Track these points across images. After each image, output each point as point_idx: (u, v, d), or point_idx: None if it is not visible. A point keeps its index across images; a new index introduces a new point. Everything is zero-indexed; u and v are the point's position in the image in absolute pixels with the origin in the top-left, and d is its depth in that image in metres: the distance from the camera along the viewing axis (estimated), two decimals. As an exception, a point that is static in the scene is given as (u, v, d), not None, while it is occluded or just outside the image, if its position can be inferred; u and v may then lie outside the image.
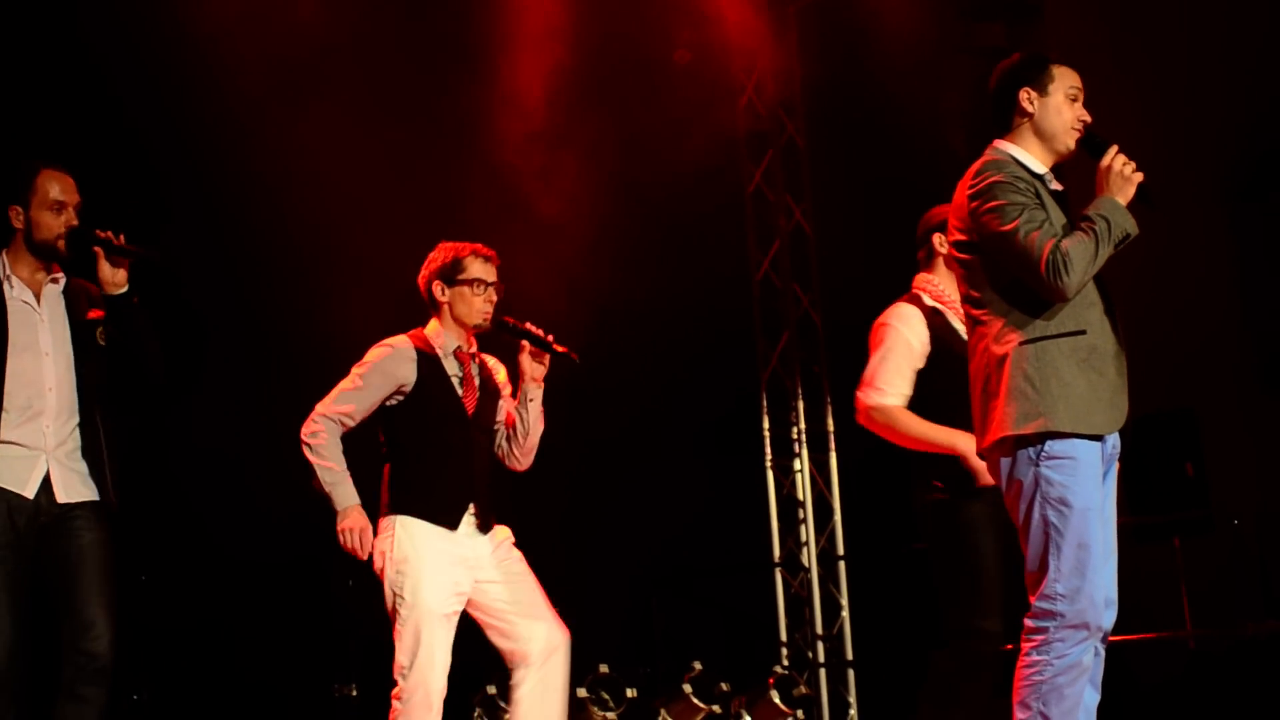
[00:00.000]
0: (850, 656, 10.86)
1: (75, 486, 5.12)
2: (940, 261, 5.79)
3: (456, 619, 5.41)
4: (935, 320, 5.74)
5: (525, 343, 5.55)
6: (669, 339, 9.73)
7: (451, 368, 5.51)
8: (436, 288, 5.54)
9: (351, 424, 5.40)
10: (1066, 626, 4.49)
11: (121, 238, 5.17)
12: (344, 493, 5.30)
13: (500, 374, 5.75)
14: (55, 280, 5.25)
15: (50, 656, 5.09)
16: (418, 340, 5.51)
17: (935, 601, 5.77)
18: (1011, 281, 4.56)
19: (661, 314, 9.58)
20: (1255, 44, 9.00)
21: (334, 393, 5.42)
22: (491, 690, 8.03)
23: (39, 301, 5.17)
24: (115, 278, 5.17)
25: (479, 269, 5.51)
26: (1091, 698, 4.65)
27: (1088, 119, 4.70)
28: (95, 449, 5.16)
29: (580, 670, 8.50)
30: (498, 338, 5.71)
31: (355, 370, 5.45)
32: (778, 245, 11.36)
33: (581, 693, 8.44)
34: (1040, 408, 4.48)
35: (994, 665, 5.52)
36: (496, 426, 5.71)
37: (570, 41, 9.11)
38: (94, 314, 5.25)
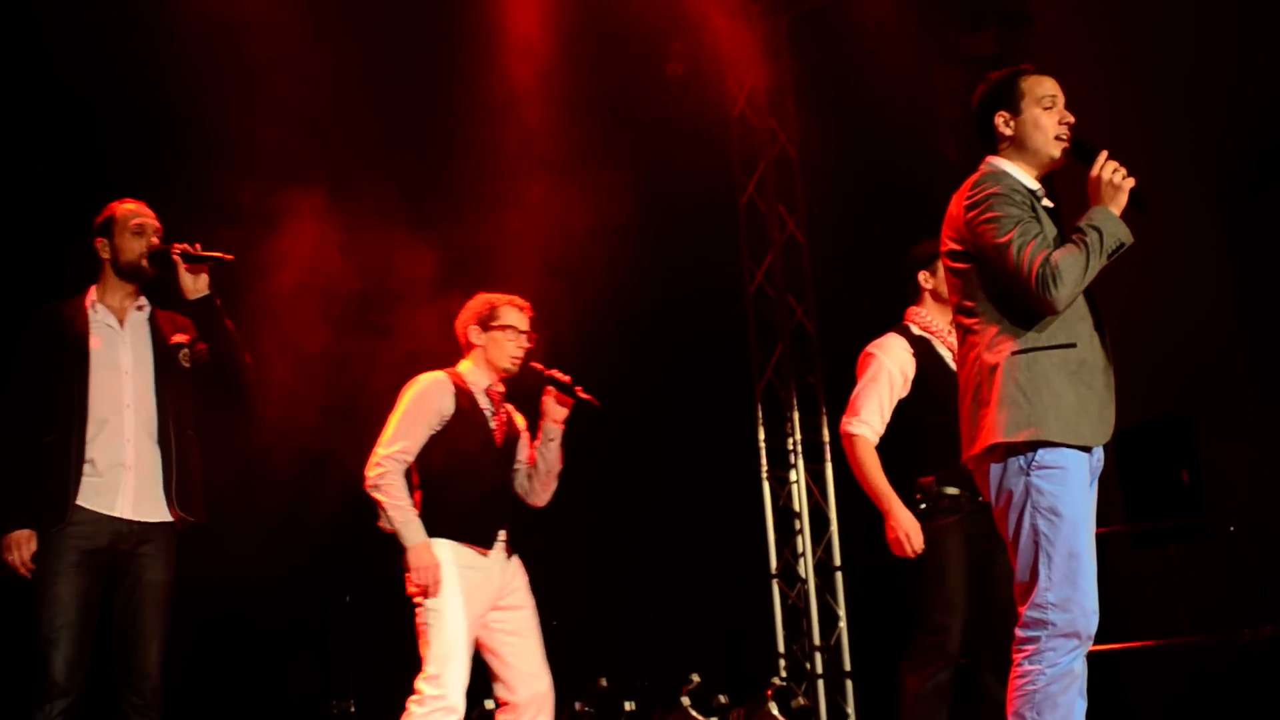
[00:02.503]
0: (848, 667, 10.86)
1: (150, 504, 5.38)
2: (927, 295, 6.02)
3: (474, 641, 5.64)
4: (921, 349, 5.96)
5: (550, 387, 5.89)
6: (663, 350, 9.73)
7: (484, 402, 5.82)
8: (473, 332, 5.89)
9: (410, 459, 5.64)
10: (1058, 635, 4.49)
11: (198, 246, 5.50)
12: (413, 531, 5.52)
13: (520, 420, 6.05)
14: (140, 308, 5.58)
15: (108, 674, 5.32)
16: (454, 376, 5.83)
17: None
18: (1004, 292, 4.57)
19: (655, 325, 9.59)
20: (1247, 46, 9.02)
21: (388, 433, 5.66)
22: (490, 705, 8.02)
23: (122, 325, 5.50)
24: (197, 284, 5.50)
25: (514, 317, 5.88)
26: (1080, 706, 4.65)
27: (1070, 120, 4.71)
28: (173, 466, 5.42)
29: (579, 684, 8.50)
30: (518, 385, 5.99)
31: (404, 407, 5.72)
32: (771, 256, 11.37)
33: (581, 706, 8.44)
34: (1031, 417, 4.48)
35: (951, 662, 5.69)
36: (518, 466, 5.99)
37: (562, 55, 9.13)
38: (178, 338, 5.57)
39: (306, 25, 7.74)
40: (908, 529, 5.69)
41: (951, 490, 5.74)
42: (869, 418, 5.85)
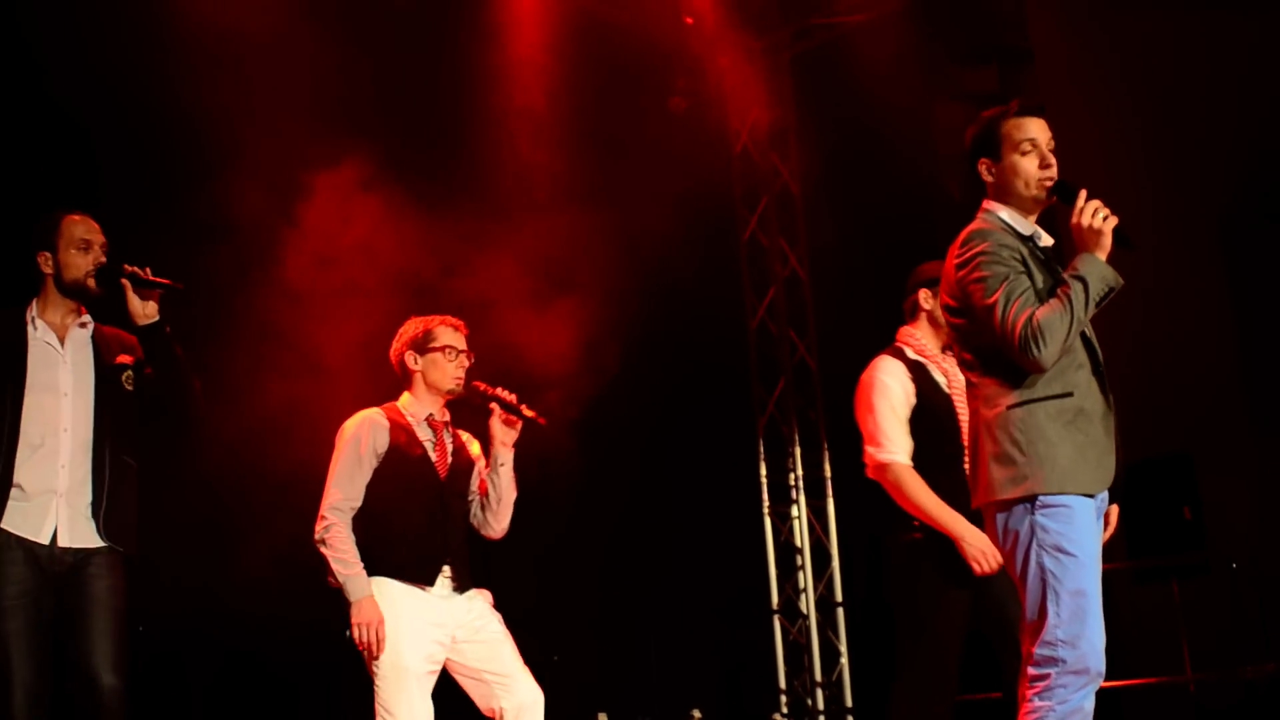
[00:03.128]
0: (850, 704, 10.84)
1: (83, 532, 5.13)
2: (924, 316, 5.90)
3: (434, 678, 5.47)
4: (917, 373, 5.79)
5: (495, 406, 5.66)
6: (665, 385, 9.73)
7: (424, 434, 5.62)
8: (409, 357, 5.68)
9: (357, 504, 5.49)
10: (1069, 673, 4.47)
11: (148, 270, 5.25)
12: (357, 585, 5.35)
13: (474, 447, 5.84)
14: (83, 325, 5.32)
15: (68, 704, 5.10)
16: (390, 410, 5.64)
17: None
18: (996, 348, 4.57)
19: (658, 360, 9.59)
20: (1250, 82, 9.04)
21: (329, 485, 5.51)
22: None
23: (63, 344, 5.24)
24: (145, 309, 5.25)
25: (449, 336, 5.67)
26: None
27: (1051, 164, 4.68)
28: (109, 494, 5.18)
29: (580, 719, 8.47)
30: (470, 408, 5.79)
31: (340, 453, 5.55)
32: (773, 291, 11.39)
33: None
34: (1027, 471, 4.47)
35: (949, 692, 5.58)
36: (471, 496, 5.79)
37: (565, 90, 9.15)
38: (121, 359, 5.31)
39: (305, 48, 7.77)
40: (981, 546, 5.42)
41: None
42: (895, 441, 5.64)
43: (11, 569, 4.99)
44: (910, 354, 5.84)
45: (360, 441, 5.50)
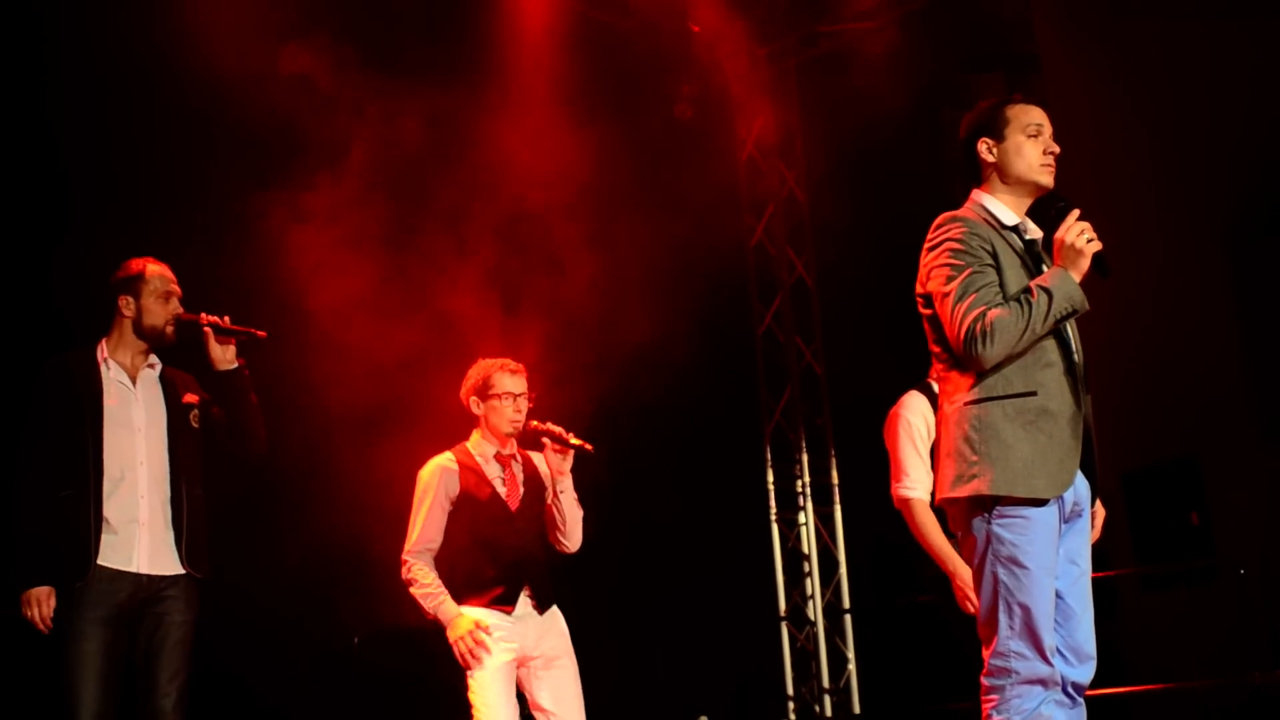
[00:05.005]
0: (858, 710, 10.83)
1: (164, 559, 5.45)
2: None
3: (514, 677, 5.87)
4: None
5: (546, 441, 5.99)
6: (671, 394, 9.72)
7: (492, 471, 6.02)
8: (473, 403, 6.08)
9: (435, 545, 5.90)
10: (1021, 683, 4.45)
11: (227, 319, 5.64)
12: (447, 610, 5.78)
13: (544, 469, 6.18)
14: (151, 366, 5.65)
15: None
16: (460, 453, 6.03)
17: (942, 655, 5.92)
18: None
19: (663, 369, 9.58)
20: (1257, 92, 9.04)
21: (410, 530, 5.93)
22: None
23: (135, 383, 5.57)
24: (225, 355, 5.65)
25: (508, 383, 6.04)
26: None
27: (1055, 150, 4.68)
28: (184, 522, 5.50)
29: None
30: (525, 443, 6.14)
31: (417, 501, 5.96)
32: (780, 299, 11.40)
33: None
34: (976, 469, 4.42)
35: None
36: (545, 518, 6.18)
37: (569, 97, 9.15)
38: (189, 398, 5.66)
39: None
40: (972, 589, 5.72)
41: None
42: (916, 478, 5.92)
43: (99, 596, 5.29)
44: (937, 389, 5.95)
45: (432, 488, 5.92)
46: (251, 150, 7.72)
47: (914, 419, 5.96)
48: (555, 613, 6.03)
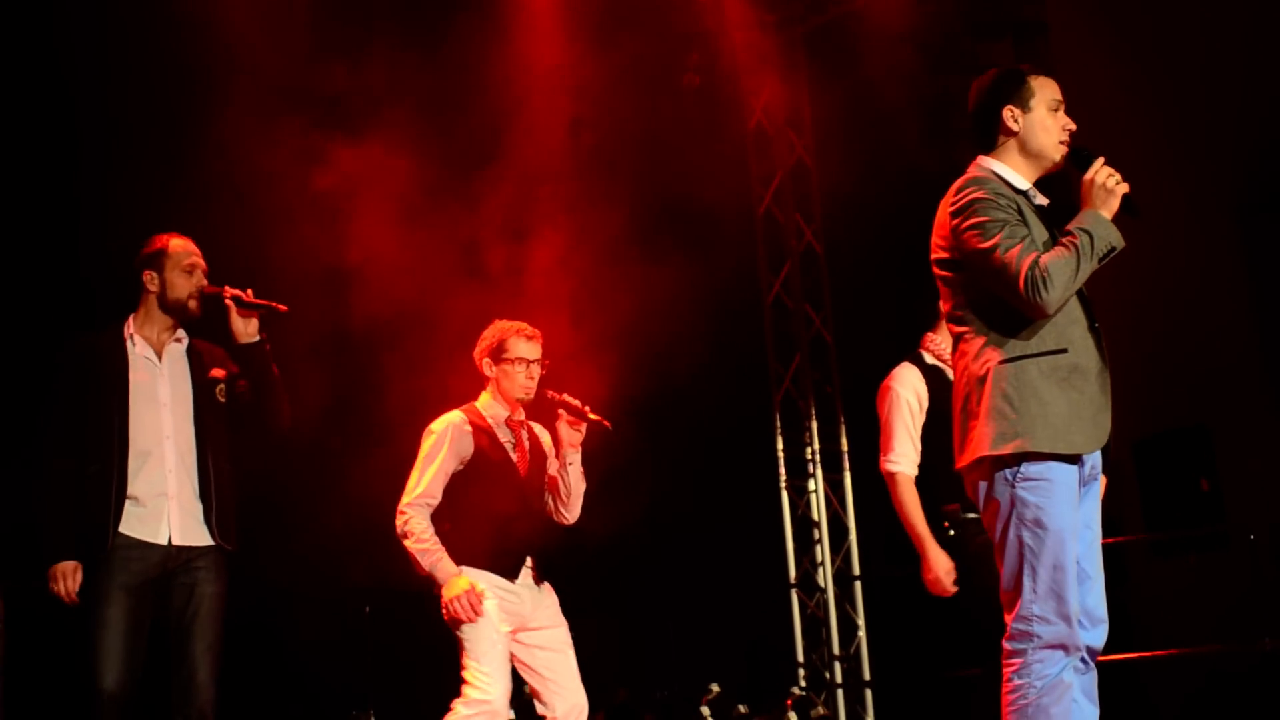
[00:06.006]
0: (868, 677, 10.85)
1: (194, 531, 5.48)
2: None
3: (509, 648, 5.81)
4: (933, 377, 6.01)
5: (562, 411, 5.95)
6: (681, 360, 9.71)
7: (504, 435, 5.98)
8: (486, 364, 6.03)
9: (433, 502, 5.82)
10: (1044, 647, 4.46)
11: (249, 293, 5.59)
12: (445, 567, 5.69)
13: (546, 439, 6.16)
14: (179, 340, 5.67)
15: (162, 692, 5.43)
16: (471, 414, 5.97)
17: (958, 620, 5.97)
18: (992, 299, 4.53)
19: (673, 336, 9.57)
20: (1269, 58, 9.00)
21: (411, 481, 5.85)
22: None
23: (160, 358, 5.60)
24: (248, 329, 5.60)
25: (523, 348, 5.99)
26: (1091, 712, 4.62)
27: (1073, 128, 4.68)
28: (212, 495, 5.52)
29: (600, 696, 8.50)
30: (541, 405, 6.06)
31: (426, 454, 5.88)
32: (789, 266, 11.39)
33: (601, 718, 8.45)
34: (1019, 428, 4.44)
35: None
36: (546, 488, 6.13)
37: (576, 64, 9.14)
38: (215, 373, 5.67)
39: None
40: (941, 571, 5.82)
41: (974, 515, 5.75)
42: (903, 452, 5.96)
43: (126, 564, 5.33)
44: (929, 359, 6.09)
45: (445, 444, 5.86)
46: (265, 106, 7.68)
47: (905, 392, 5.98)
48: (549, 587, 5.99)
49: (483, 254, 7.92)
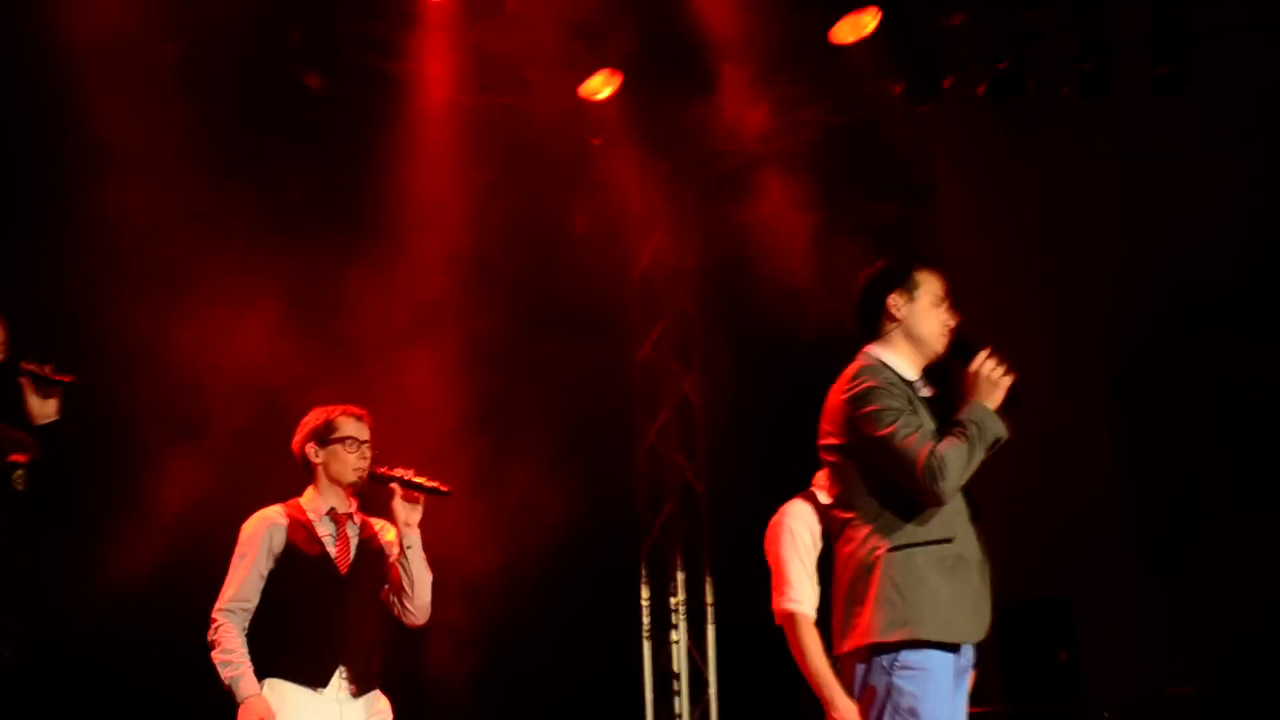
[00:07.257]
0: (723, 835, 10.72)
1: None
2: None
3: None
4: (827, 517, 5.82)
5: (394, 486, 5.52)
6: (551, 506, 9.64)
7: (324, 529, 5.55)
8: (310, 450, 5.62)
9: (250, 605, 5.43)
10: None
11: (49, 368, 5.02)
12: (245, 685, 5.28)
13: (389, 534, 5.69)
14: None
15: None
16: (290, 508, 5.59)
17: None
18: (881, 486, 4.54)
19: (547, 481, 9.50)
20: (1147, 224, 9.20)
21: (224, 587, 5.46)
22: None
23: None
24: (45, 408, 5.04)
25: (351, 427, 5.60)
26: None
27: (956, 320, 4.74)
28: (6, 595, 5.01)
29: None
30: (380, 496, 5.66)
31: (236, 554, 5.50)
32: (664, 414, 11.37)
33: None
34: (907, 615, 4.44)
35: None
36: (387, 588, 5.65)
37: (467, 210, 9.17)
38: (14, 458, 5.07)
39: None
40: (849, 717, 5.55)
41: None
42: (801, 591, 5.69)
43: None
44: (822, 497, 5.88)
45: (254, 541, 5.45)
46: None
47: (799, 528, 5.77)
48: (377, 695, 5.52)
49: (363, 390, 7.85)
